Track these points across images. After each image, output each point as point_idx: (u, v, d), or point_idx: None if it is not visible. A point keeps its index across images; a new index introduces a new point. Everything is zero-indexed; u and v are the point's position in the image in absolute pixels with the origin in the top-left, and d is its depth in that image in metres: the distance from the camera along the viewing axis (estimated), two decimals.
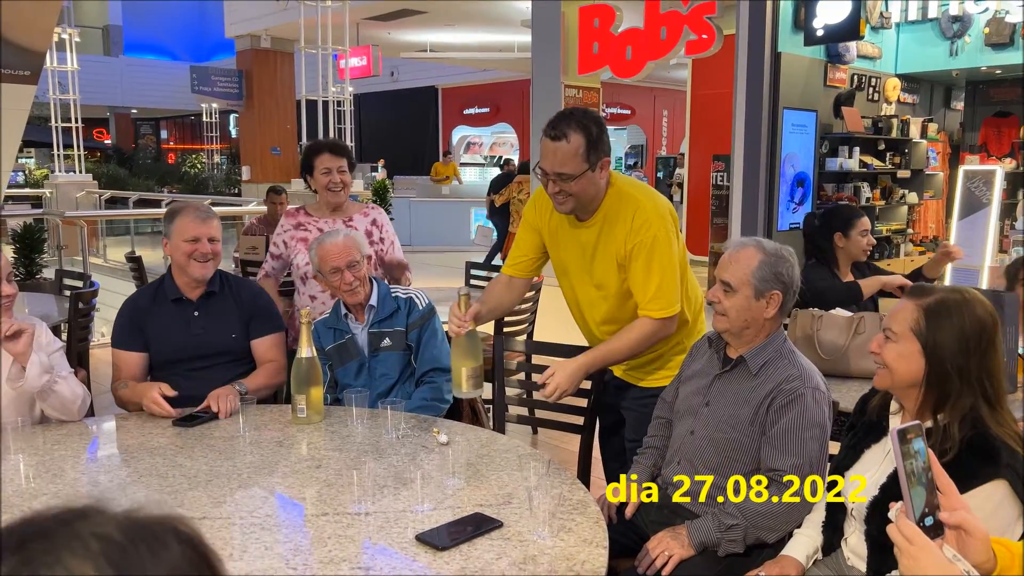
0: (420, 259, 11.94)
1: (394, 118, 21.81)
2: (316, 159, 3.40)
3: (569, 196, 2.32)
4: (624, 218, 2.36)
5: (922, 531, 1.18)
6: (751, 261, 2.05)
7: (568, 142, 2.25)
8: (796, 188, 8.00)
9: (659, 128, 20.66)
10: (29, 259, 6.63)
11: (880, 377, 1.72)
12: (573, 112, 2.31)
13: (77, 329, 3.94)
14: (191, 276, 2.71)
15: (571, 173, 2.27)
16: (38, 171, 17.39)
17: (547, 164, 2.29)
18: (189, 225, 2.68)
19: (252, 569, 1.50)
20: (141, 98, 24.78)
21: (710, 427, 2.09)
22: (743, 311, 2.05)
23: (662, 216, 2.37)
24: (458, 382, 2.27)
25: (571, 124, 2.25)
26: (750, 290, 2.04)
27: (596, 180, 2.32)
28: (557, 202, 2.35)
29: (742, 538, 1.94)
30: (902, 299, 1.71)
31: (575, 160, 2.25)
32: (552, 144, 2.26)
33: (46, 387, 2.26)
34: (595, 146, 2.27)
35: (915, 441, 1.21)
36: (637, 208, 2.35)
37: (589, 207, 2.40)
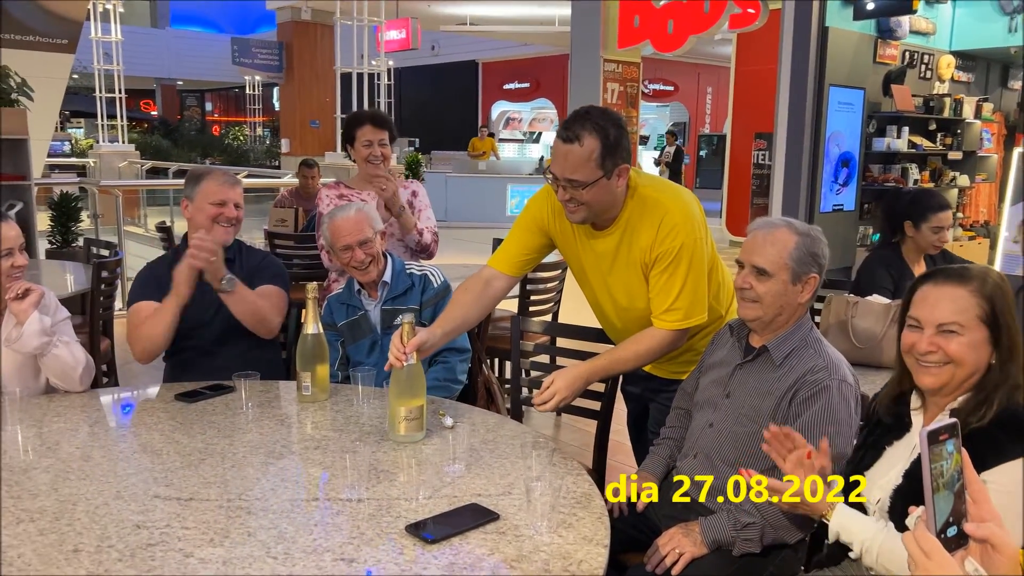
0: (454, 234, 11.87)
1: (434, 92, 21.72)
2: (358, 130, 3.32)
3: (581, 205, 2.10)
4: (650, 225, 2.15)
5: (943, 542, 1.06)
6: (787, 243, 1.91)
7: (581, 145, 2.02)
8: (840, 168, 7.74)
9: (703, 105, 20.27)
10: (65, 227, 6.69)
11: (938, 375, 1.57)
12: (590, 112, 2.07)
13: (100, 297, 3.92)
14: (213, 239, 2.65)
15: (583, 180, 2.04)
16: (84, 141, 17.64)
17: (557, 168, 2.07)
18: (216, 188, 2.65)
19: (231, 555, 1.43)
20: (186, 70, 25.02)
21: (730, 420, 1.97)
22: (779, 297, 1.91)
23: (690, 220, 2.15)
24: (393, 423, 1.98)
25: (586, 125, 2.02)
26: (787, 274, 1.90)
27: (612, 188, 2.10)
28: (568, 211, 2.14)
29: (759, 537, 1.82)
30: (936, 289, 1.57)
31: (588, 166, 2.03)
32: (564, 146, 2.04)
33: (44, 349, 2.23)
34: (612, 151, 2.04)
35: (948, 443, 1.09)
36: (665, 214, 2.14)
37: (605, 216, 2.19)
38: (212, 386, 2.40)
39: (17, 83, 5.89)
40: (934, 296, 1.57)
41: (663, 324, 2.19)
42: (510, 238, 2.43)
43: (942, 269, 1.61)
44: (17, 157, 6.02)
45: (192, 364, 2.71)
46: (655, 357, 2.25)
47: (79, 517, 1.58)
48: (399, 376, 1.97)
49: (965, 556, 1.09)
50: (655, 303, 2.20)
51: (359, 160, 3.34)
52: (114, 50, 13.51)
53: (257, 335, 2.69)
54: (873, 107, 7.77)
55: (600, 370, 2.20)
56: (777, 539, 1.83)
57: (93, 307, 3.91)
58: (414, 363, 1.98)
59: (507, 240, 2.44)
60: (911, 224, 3.24)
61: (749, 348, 1.99)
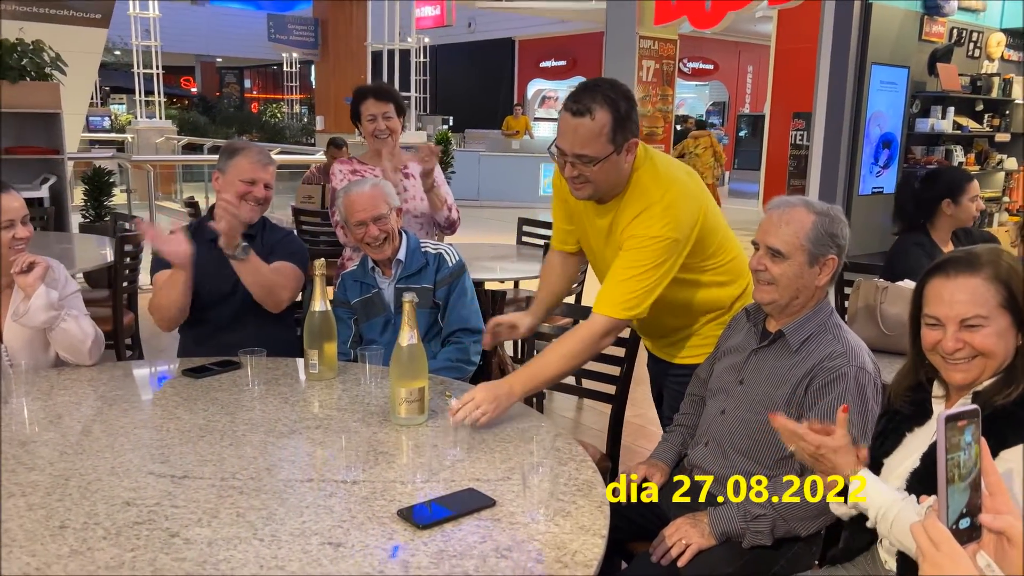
0: (485, 214, 11.83)
1: (470, 70, 21.60)
2: (362, 105, 3.27)
3: (587, 182, 2.02)
4: (632, 210, 2.06)
5: (954, 534, 0.99)
6: (803, 223, 1.81)
7: (592, 119, 1.92)
8: (881, 150, 7.51)
9: (743, 84, 19.89)
10: (98, 201, 6.75)
11: (968, 370, 1.48)
12: (600, 84, 1.97)
13: (123, 271, 3.94)
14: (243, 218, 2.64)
15: (593, 156, 1.95)
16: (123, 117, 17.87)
17: (565, 143, 1.97)
18: (248, 167, 2.64)
19: (217, 536, 1.40)
20: (225, 47, 25.16)
21: (743, 407, 1.89)
22: (794, 279, 1.82)
23: (672, 217, 2.02)
24: (394, 405, 1.93)
25: (596, 98, 1.92)
26: (804, 256, 1.81)
27: (620, 164, 2.01)
28: (573, 187, 2.05)
29: (769, 530, 1.75)
30: (949, 283, 1.47)
31: (598, 141, 1.94)
32: (573, 120, 1.94)
33: (52, 323, 2.22)
34: (623, 125, 1.95)
35: (966, 431, 1.01)
36: (649, 205, 2.03)
37: (611, 193, 2.11)
38: (220, 362, 2.37)
39: (51, 57, 5.93)
40: (949, 290, 1.47)
41: (601, 308, 2.05)
42: (554, 218, 2.48)
43: (949, 259, 1.51)
44: (50, 131, 6.08)
45: (207, 338, 2.70)
46: (585, 355, 2.08)
47: (70, 492, 1.56)
48: (400, 357, 1.92)
49: (977, 550, 1.01)
50: (604, 284, 2.09)
51: (366, 135, 3.28)
52: (152, 26, 13.61)
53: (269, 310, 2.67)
54: (917, 86, 7.53)
55: (525, 380, 1.99)
56: (790, 532, 1.76)
57: (116, 280, 3.92)
58: (415, 344, 1.93)
59: (553, 221, 2.50)
60: (950, 202, 3.16)
61: (765, 333, 1.91)
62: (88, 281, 5.86)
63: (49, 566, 1.30)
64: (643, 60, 9.11)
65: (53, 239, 5.04)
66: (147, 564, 1.31)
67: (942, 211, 3.18)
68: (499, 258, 4.53)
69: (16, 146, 5.96)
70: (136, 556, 1.34)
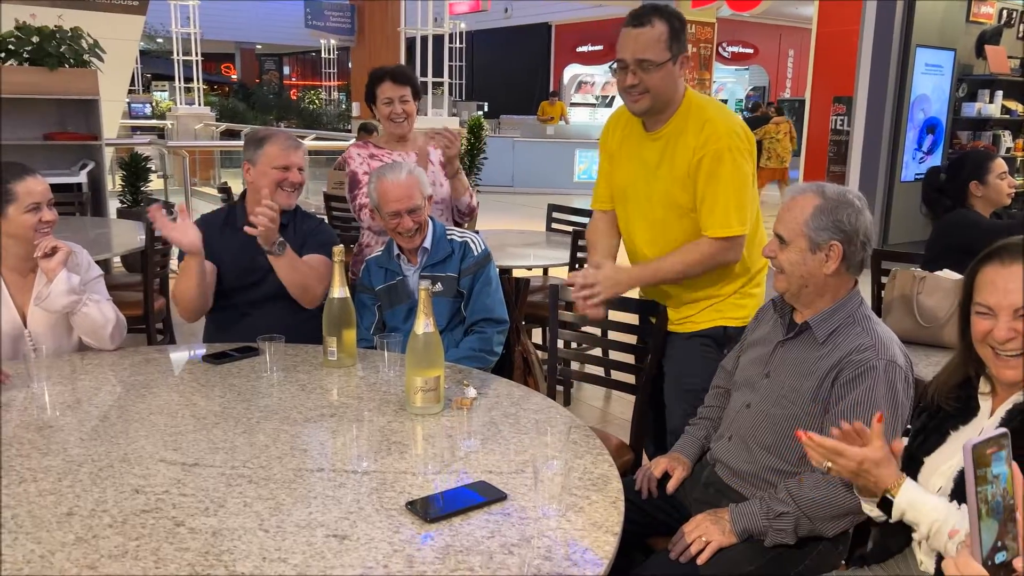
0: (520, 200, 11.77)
1: (506, 56, 21.48)
2: (378, 88, 3.21)
3: (645, 92, 2.21)
4: (693, 130, 2.25)
5: (990, 570, 0.92)
6: (806, 208, 1.75)
7: (652, 27, 2.16)
8: (925, 135, 7.30)
9: (784, 69, 19.52)
10: (134, 187, 6.83)
11: (1018, 367, 1.40)
12: (656, 3, 2.24)
13: (154, 256, 3.97)
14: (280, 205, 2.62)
15: (654, 59, 2.17)
16: (164, 103, 18.12)
17: (627, 52, 2.18)
18: (279, 153, 2.62)
19: (223, 526, 1.38)
20: (264, 34, 25.32)
21: (768, 401, 1.82)
22: (797, 266, 1.77)
23: (732, 132, 2.24)
24: (409, 394, 1.91)
25: (655, 13, 2.18)
26: (804, 242, 1.75)
27: (675, 76, 2.22)
28: (631, 98, 2.24)
29: (792, 528, 1.68)
30: (1004, 271, 1.39)
31: (658, 46, 2.17)
32: (635, 31, 2.17)
33: (73, 307, 2.23)
34: (677, 36, 2.20)
35: (996, 457, 0.94)
36: (707, 120, 2.24)
37: (664, 110, 2.27)
38: (241, 348, 2.37)
39: (90, 44, 5.99)
40: (1003, 278, 1.39)
41: (711, 231, 2.24)
42: (598, 176, 2.61)
43: (1004, 245, 1.42)
44: (89, 117, 6.16)
45: (232, 324, 2.69)
46: (702, 268, 2.28)
47: (81, 479, 1.55)
48: (415, 345, 1.88)
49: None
50: (702, 212, 2.25)
51: (382, 119, 3.23)
52: (191, 13, 13.74)
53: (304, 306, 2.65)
54: (964, 69, 7.30)
55: (648, 274, 2.33)
56: (814, 531, 1.70)
57: (147, 265, 3.95)
58: (431, 332, 1.89)
59: (597, 179, 2.63)
60: (977, 183, 3.14)
61: (792, 325, 1.84)
62: (124, 265, 5.95)
63: (53, 553, 1.30)
64: None
65: (90, 224, 5.11)
66: (150, 553, 1.30)
67: (972, 194, 3.15)
68: (528, 245, 4.48)
69: (55, 132, 6.05)
70: (140, 545, 1.32)
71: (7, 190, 2.21)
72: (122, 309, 2.46)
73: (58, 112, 6.09)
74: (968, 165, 3.20)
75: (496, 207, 10.26)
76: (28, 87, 5.63)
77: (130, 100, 15.18)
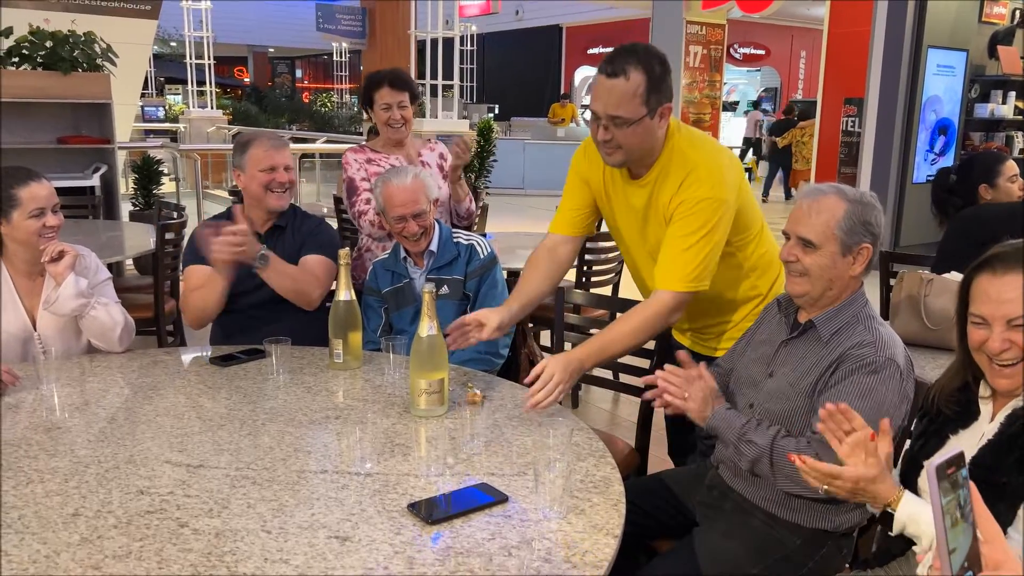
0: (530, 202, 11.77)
1: (517, 58, 21.52)
2: (376, 93, 3.22)
3: (619, 147, 2.00)
4: (674, 178, 2.05)
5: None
6: (835, 211, 1.73)
7: (627, 79, 1.92)
8: (937, 136, 7.26)
9: (796, 70, 19.45)
10: (147, 190, 6.88)
11: (1013, 377, 1.39)
12: (635, 47, 1.97)
13: (165, 259, 4.00)
14: (268, 207, 2.65)
15: (627, 117, 1.94)
16: (177, 107, 18.24)
17: (599, 105, 1.97)
18: (264, 154, 2.62)
19: (226, 527, 1.40)
20: (276, 37, 25.46)
21: (771, 400, 1.82)
22: (827, 270, 1.74)
23: (718, 179, 2.03)
24: (414, 397, 1.91)
25: (631, 60, 1.92)
26: (836, 246, 1.72)
27: (653, 129, 2.00)
28: (605, 152, 2.04)
29: (751, 459, 1.70)
30: (996, 281, 1.38)
31: (633, 102, 1.93)
32: (608, 82, 1.94)
33: (81, 311, 2.25)
34: (657, 88, 1.94)
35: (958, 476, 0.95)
36: (692, 169, 2.03)
37: (644, 161, 2.08)
38: (248, 350, 2.38)
39: (102, 49, 6.04)
40: (996, 288, 1.38)
41: (665, 284, 2.04)
42: (563, 197, 2.39)
43: (997, 254, 1.41)
44: (102, 121, 6.20)
45: (238, 327, 2.70)
46: (653, 331, 2.08)
47: (87, 480, 1.57)
48: (419, 348, 1.89)
49: None
50: (661, 259, 2.06)
51: (379, 124, 3.24)
52: (204, 17, 13.83)
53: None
54: (976, 70, 7.25)
55: (594, 353, 2.00)
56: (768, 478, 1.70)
57: (158, 268, 3.98)
58: (435, 335, 1.90)
59: (561, 201, 2.40)
60: (986, 186, 3.11)
61: (796, 324, 1.83)
62: (136, 268, 5.99)
63: (58, 554, 1.31)
64: (690, 46, 8.94)
65: (102, 227, 5.15)
66: (153, 554, 1.31)
67: (981, 197, 3.12)
68: None
69: (69, 135, 6.10)
70: (143, 546, 1.34)
71: (11, 195, 2.22)
72: (133, 311, 2.49)
73: (72, 116, 6.14)
74: (977, 167, 3.18)
75: (506, 209, 10.27)
76: (42, 91, 5.68)
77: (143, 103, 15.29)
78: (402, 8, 15.19)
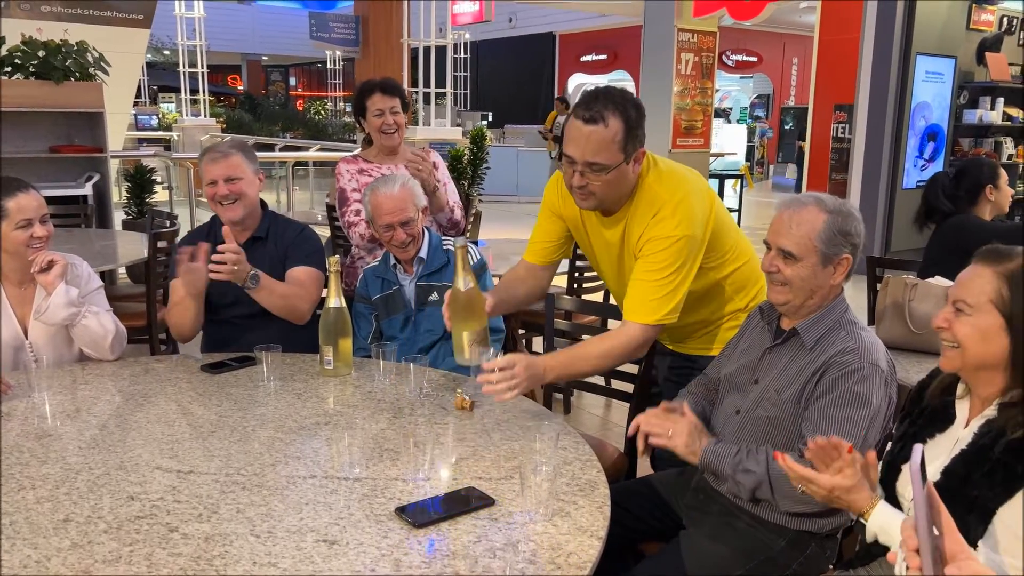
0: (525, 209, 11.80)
1: (510, 65, 21.57)
2: (368, 100, 3.24)
3: (593, 193, 2.00)
4: (643, 215, 2.06)
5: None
6: (815, 223, 1.76)
7: (605, 126, 1.91)
8: (927, 142, 7.32)
9: (788, 77, 19.54)
10: (140, 198, 6.89)
11: (948, 359, 1.45)
12: (611, 91, 1.97)
13: (157, 267, 4.01)
14: (224, 219, 2.63)
15: (604, 164, 1.94)
16: (170, 115, 18.24)
17: (576, 151, 1.95)
18: (205, 169, 2.59)
19: (215, 532, 1.41)
20: (270, 46, 25.51)
21: (755, 406, 1.84)
22: (808, 281, 1.76)
23: (686, 216, 2.02)
24: (460, 350, 1.99)
25: (608, 106, 1.91)
26: (816, 257, 1.75)
27: (627, 174, 2.01)
28: (579, 197, 2.04)
29: (751, 487, 1.71)
30: (973, 268, 1.43)
31: (610, 149, 1.93)
32: (585, 128, 1.92)
33: (72, 320, 2.27)
34: (633, 134, 1.95)
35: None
36: (661, 207, 2.03)
37: (616, 204, 2.09)
38: (239, 357, 2.40)
39: (95, 58, 6.06)
40: (967, 273, 1.44)
41: (633, 316, 2.04)
42: (536, 227, 2.39)
43: (992, 247, 1.45)
44: (95, 130, 6.22)
45: (229, 336, 2.71)
46: (620, 359, 2.09)
47: (78, 486, 1.59)
48: (457, 299, 1.98)
49: None
50: (630, 292, 2.07)
51: (372, 131, 3.26)
52: (197, 26, 13.85)
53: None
54: (965, 77, 7.31)
55: (559, 366, 2.02)
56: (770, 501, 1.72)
57: (150, 277, 4.00)
58: (472, 287, 1.98)
59: (533, 231, 2.40)
60: (992, 187, 3.20)
61: (779, 331, 1.86)
62: (130, 276, 6.00)
63: (49, 559, 1.33)
64: (682, 53, 8.98)
65: (95, 235, 5.16)
66: (143, 559, 1.33)
67: (985, 198, 3.20)
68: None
69: (61, 145, 6.11)
70: (133, 551, 1.35)
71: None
72: (126, 319, 2.50)
73: (64, 125, 6.16)
74: (985, 169, 3.27)
75: (500, 216, 10.30)
76: (34, 100, 5.70)
77: (137, 112, 15.30)
78: (395, 16, 15.23)
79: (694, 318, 2.26)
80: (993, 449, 1.37)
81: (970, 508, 1.35)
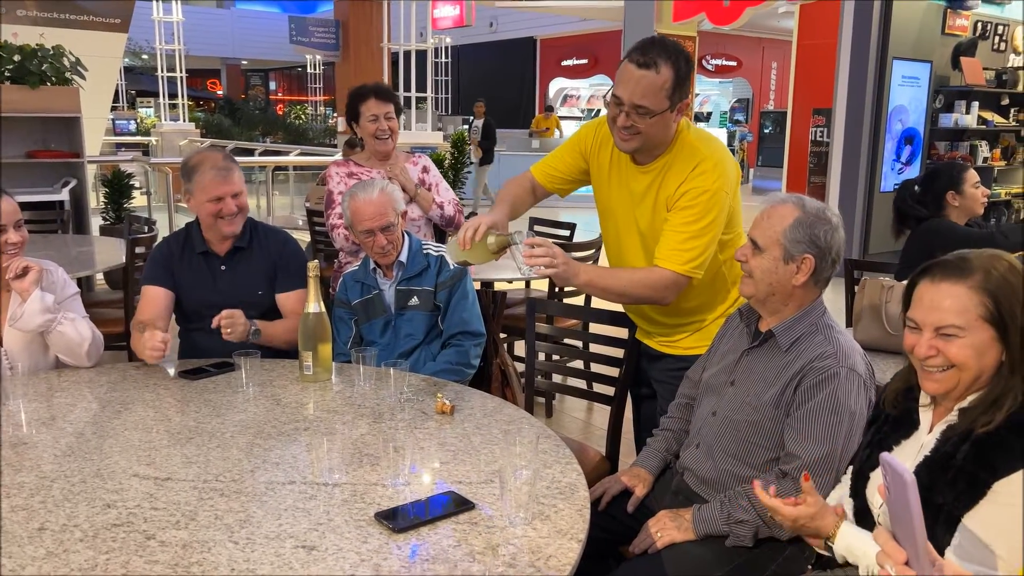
0: None
1: (492, 69, 21.60)
2: (362, 105, 3.24)
3: (637, 134, 2.06)
4: (683, 168, 2.13)
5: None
6: (786, 219, 1.79)
7: (657, 72, 1.98)
8: (904, 146, 7.40)
9: (767, 81, 19.70)
10: (117, 204, 6.83)
11: (941, 381, 1.42)
12: (665, 42, 2.04)
13: (135, 273, 3.97)
14: (220, 233, 2.61)
15: (651, 108, 2.00)
16: (148, 120, 18.11)
17: (626, 92, 2.01)
18: (211, 184, 2.52)
19: (193, 539, 1.40)
20: (250, 50, 25.39)
21: (732, 408, 1.86)
22: (768, 274, 1.80)
23: (722, 172, 2.11)
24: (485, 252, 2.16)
25: (663, 54, 1.99)
26: (779, 251, 1.78)
27: (669, 123, 2.08)
28: (621, 138, 2.09)
29: (751, 534, 1.73)
30: (932, 288, 1.42)
31: (659, 95, 2.00)
32: (637, 71, 1.99)
33: (48, 327, 2.24)
34: (681, 84, 2.03)
35: None
36: (700, 160, 2.12)
37: (653, 151, 2.16)
38: (218, 363, 2.38)
39: (71, 62, 6.00)
40: (930, 295, 1.42)
41: (667, 263, 2.10)
42: (556, 152, 2.45)
43: (940, 262, 1.44)
44: (71, 135, 6.16)
45: (203, 343, 2.68)
46: (647, 292, 2.14)
47: (53, 495, 1.57)
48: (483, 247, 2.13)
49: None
50: (664, 241, 2.13)
51: (366, 136, 3.26)
52: (176, 30, 13.77)
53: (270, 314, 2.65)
54: (940, 81, 7.40)
55: (592, 270, 2.15)
56: (772, 535, 1.74)
57: (128, 283, 3.96)
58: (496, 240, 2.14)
59: (553, 154, 2.45)
60: (953, 193, 3.21)
61: (757, 333, 1.87)
62: (108, 282, 5.94)
63: (23, 568, 1.31)
64: None
65: (72, 241, 5.11)
66: (119, 567, 1.32)
67: (948, 203, 3.22)
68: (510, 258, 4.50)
69: (38, 150, 6.05)
70: (110, 559, 1.34)
71: None
72: (104, 326, 2.47)
73: (41, 130, 6.09)
74: (943, 176, 3.28)
75: None
76: (10, 105, 5.63)
77: (115, 117, 15.15)
78: (376, 20, 15.21)
79: (690, 304, 2.29)
80: (956, 456, 1.38)
81: (936, 517, 1.35)
